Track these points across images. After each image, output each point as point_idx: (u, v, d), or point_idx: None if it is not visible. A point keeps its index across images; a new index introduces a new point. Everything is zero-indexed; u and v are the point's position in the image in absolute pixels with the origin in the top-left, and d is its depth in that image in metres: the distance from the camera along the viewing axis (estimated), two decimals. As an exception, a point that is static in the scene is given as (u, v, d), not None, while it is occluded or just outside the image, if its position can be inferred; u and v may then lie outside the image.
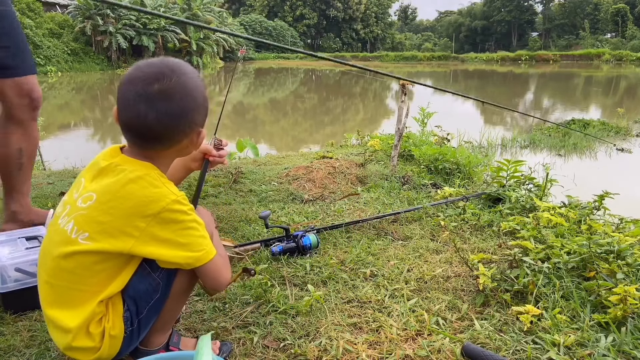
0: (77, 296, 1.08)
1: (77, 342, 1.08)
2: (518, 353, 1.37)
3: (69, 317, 1.08)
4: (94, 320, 1.10)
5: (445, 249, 2.15)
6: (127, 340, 1.14)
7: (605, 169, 5.15)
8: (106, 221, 1.05)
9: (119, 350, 1.14)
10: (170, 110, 1.05)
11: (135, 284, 1.14)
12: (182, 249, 1.09)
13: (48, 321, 1.12)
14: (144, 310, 1.15)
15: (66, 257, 1.07)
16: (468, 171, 3.50)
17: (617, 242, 1.77)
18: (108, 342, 1.12)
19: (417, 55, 58.88)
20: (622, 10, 60.32)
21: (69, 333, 1.08)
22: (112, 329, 1.12)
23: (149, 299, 1.15)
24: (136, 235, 1.04)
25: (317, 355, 1.37)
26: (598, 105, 13.86)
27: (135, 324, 1.15)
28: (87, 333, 1.09)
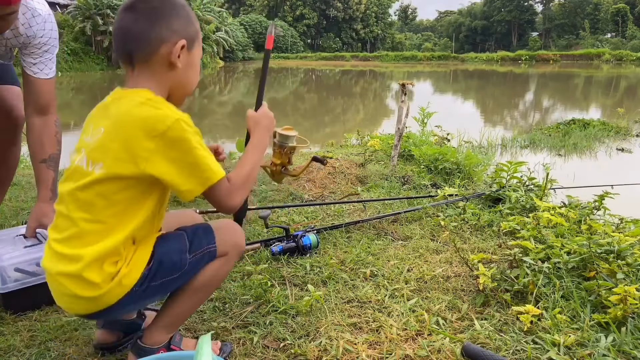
0: (97, 230, 1.08)
1: (86, 273, 1.07)
2: (518, 353, 1.37)
3: (85, 250, 1.07)
4: (110, 259, 1.09)
5: (445, 249, 2.15)
6: (128, 297, 1.12)
7: (605, 169, 5.15)
8: (117, 147, 1.06)
9: (114, 303, 1.12)
10: (147, 9, 1.11)
11: (168, 251, 1.17)
12: (191, 169, 1.09)
13: (55, 256, 1.10)
14: (158, 280, 1.15)
15: (84, 188, 1.08)
16: (468, 171, 3.50)
17: (617, 242, 1.77)
18: (115, 288, 1.10)
19: (417, 55, 58.87)
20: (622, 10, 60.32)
21: (79, 261, 1.07)
22: (126, 277, 1.11)
23: (168, 274, 1.16)
24: (146, 157, 1.05)
25: (317, 355, 1.37)
26: (598, 105, 13.86)
27: (144, 286, 1.14)
28: (100, 268, 1.08)
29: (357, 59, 57.54)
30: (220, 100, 16.41)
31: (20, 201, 2.79)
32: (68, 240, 1.09)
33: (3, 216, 2.46)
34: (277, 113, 1.43)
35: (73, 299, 1.10)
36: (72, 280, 1.08)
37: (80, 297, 1.09)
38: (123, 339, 1.40)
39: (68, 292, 1.09)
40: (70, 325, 1.51)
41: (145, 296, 1.16)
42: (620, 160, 5.50)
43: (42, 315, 1.58)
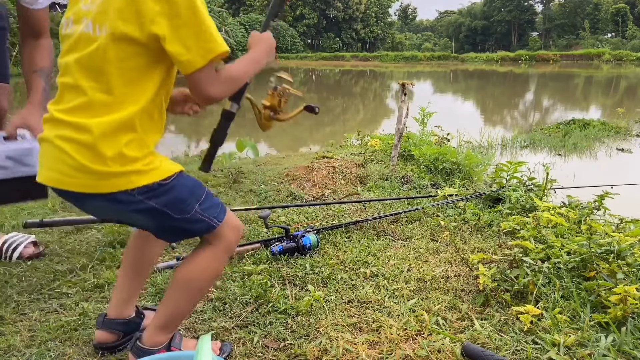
0: (107, 101, 1.06)
1: (100, 144, 1.04)
2: (518, 353, 1.37)
3: (94, 121, 1.04)
4: (125, 135, 1.07)
5: (445, 249, 2.15)
6: (125, 197, 1.09)
7: (605, 169, 5.15)
8: (121, 6, 1.04)
9: (109, 192, 1.08)
10: None
11: (186, 185, 1.17)
12: (195, 36, 1.06)
13: (60, 124, 1.07)
14: (160, 205, 1.13)
15: (92, 55, 1.05)
16: (468, 171, 3.50)
17: (617, 242, 1.77)
18: (121, 176, 1.07)
19: (417, 55, 58.87)
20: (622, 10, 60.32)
21: (90, 132, 1.04)
22: (137, 175, 1.08)
23: (172, 206, 1.14)
24: (151, 18, 1.03)
25: (317, 355, 1.37)
26: (598, 105, 13.86)
27: (146, 198, 1.11)
28: (113, 141, 1.05)
29: (357, 59, 57.54)
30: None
31: (20, 201, 2.79)
32: (76, 110, 1.07)
33: (3, 216, 2.46)
34: (277, 113, 1.44)
35: (70, 169, 1.06)
36: (79, 147, 1.05)
37: (80, 169, 1.05)
38: (123, 338, 1.39)
39: (68, 161, 1.05)
40: (70, 325, 1.51)
41: (138, 210, 1.12)
42: (620, 160, 5.50)
43: (42, 315, 1.58)
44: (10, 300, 1.66)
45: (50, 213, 2.59)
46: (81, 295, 1.70)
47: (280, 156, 4.52)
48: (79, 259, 1.97)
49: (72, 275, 1.85)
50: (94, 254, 2.03)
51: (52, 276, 1.84)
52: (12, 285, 1.77)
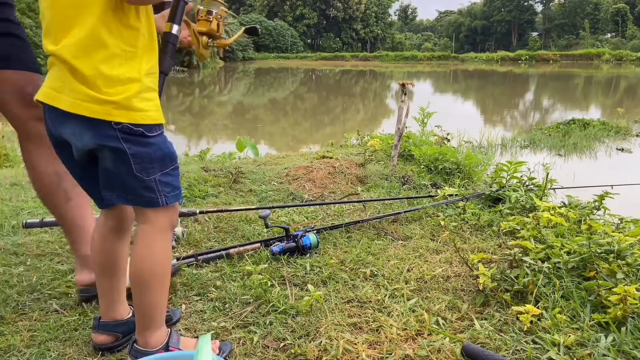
0: (59, 21, 1.08)
1: (79, 65, 1.07)
2: (518, 353, 1.37)
3: (59, 46, 1.07)
4: (98, 56, 1.08)
5: (445, 248, 2.15)
6: (123, 133, 1.11)
7: (605, 169, 5.15)
8: None
9: (104, 120, 1.09)
10: None
11: (167, 144, 1.20)
12: None
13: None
14: (150, 148, 1.16)
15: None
16: (468, 171, 3.50)
17: (617, 242, 1.77)
18: (122, 102, 1.09)
19: (417, 55, 58.90)
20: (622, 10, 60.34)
21: (64, 58, 1.07)
22: (139, 113, 1.11)
23: (160, 156, 1.18)
24: None
25: (317, 355, 1.37)
26: (598, 105, 13.86)
27: (140, 137, 1.13)
28: (86, 58, 1.07)
29: (357, 59, 57.57)
30: (220, 100, 16.41)
31: (20, 201, 2.79)
32: (47, 38, 1.11)
33: (3, 216, 2.46)
34: (278, 112, 1.44)
35: (62, 85, 1.09)
36: (69, 70, 1.08)
37: (72, 88, 1.08)
38: (122, 339, 1.39)
39: (62, 77, 1.09)
40: (70, 325, 1.51)
41: (109, 144, 1.11)
42: (620, 160, 5.51)
43: (42, 315, 1.58)
44: (10, 300, 1.66)
45: (50, 213, 2.59)
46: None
47: (280, 156, 4.51)
48: (79, 259, 1.97)
49: (72, 275, 1.85)
50: (94, 254, 2.03)
51: (52, 276, 1.84)
52: (12, 285, 1.77)
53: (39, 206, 2.68)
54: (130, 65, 1.12)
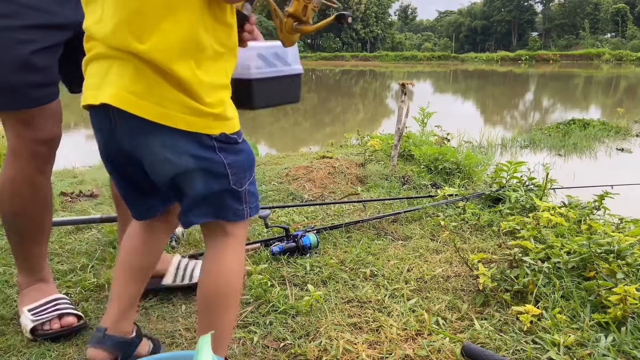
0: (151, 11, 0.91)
1: (173, 66, 0.91)
2: (518, 353, 1.37)
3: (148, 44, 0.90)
4: (191, 59, 0.93)
5: (445, 248, 2.15)
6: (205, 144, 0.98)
7: (605, 169, 5.16)
8: None
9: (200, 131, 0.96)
10: None
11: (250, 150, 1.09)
12: None
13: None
14: (233, 158, 1.03)
15: None
16: (468, 171, 3.50)
17: (617, 242, 1.77)
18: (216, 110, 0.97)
19: (417, 55, 58.94)
20: (622, 10, 60.38)
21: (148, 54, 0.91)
22: (223, 122, 1.00)
23: (241, 164, 1.06)
24: None
25: (317, 355, 1.37)
26: (598, 105, 13.86)
27: (224, 144, 1.01)
28: (181, 61, 0.92)
29: (357, 59, 57.58)
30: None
31: (20, 201, 2.79)
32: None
33: (3, 216, 2.46)
34: (278, 112, 1.43)
35: (151, 93, 0.93)
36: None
37: (170, 98, 0.93)
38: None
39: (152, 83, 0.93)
40: (70, 325, 1.51)
41: (203, 161, 0.98)
42: (620, 160, 5.51)
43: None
44: (10, 300, 1.66)
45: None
46: (81, 295, 1.70)
47: (280, 156, 4.51)
48: (79, 259, 1.97)
49: (72, 275, 1.85)
50: (94, 253, 2.03)
51: (52, 276, 1.83)
52: (12, 285, 1.77)
53: (39, 206, 2.68)
54: (221, 68, 1.00)
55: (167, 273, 1.70)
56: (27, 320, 1.44)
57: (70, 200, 2.88)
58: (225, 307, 1.10)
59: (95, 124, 1.03)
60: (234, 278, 1.11)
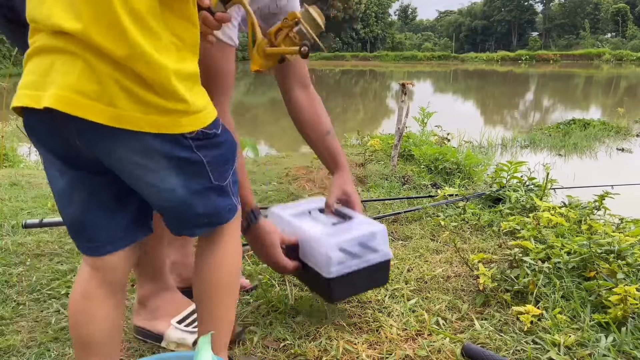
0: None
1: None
2: (518, 353, 1.37)
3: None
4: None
5: (446, 248, 2.15)
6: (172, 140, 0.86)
7: (606, 169, 5.15)
8: None
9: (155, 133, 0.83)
10: None
11: (231, 140, 0.98)
12: None
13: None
14: (206, 153, 0.91)
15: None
16: (468, 171, 3.50)
17: (617, 242, 1.77)
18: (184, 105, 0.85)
19: (417, 55, 58.95)
20: (623, 10, 60.39)
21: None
22: (193, 116, 0.87)
23: (218, 159, 0.94)
24: None
25: (317, 356, 1.37)
26: (598, 105, 13.86)
27: (194, 141, 0.89)
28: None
29: (357, 58, 57.57)
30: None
31: (20, 201, 2.79)
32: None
33: (3, 216, 2.46)
34: (278, 113, 1.43)
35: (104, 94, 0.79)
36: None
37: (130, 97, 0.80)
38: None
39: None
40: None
41: (177, 161, 0.87)
42: (620, 160, 5.51)
43: (43, 316, 1.57)
44: (10, 300, 1.66)
45: (50, 213, 2.59)
46: (81, 295, 1.69)
47: (280, 156, 4.52)
48: (79, 259, 1.97)
49: (72, 275, 1.85)
50: (93, 254, 2.03)
51: (52, 276, 1.84)
52: (12, 285, 1.77)
53: (39, 206, 2.68)
54: (181, 57, 0.87)
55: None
56: (183, 333, 1.38)
57: (70, 200, 2.88)
58: (227, 296, 1.05)
59: (33, 130, 0.87)
60: (234, 267, 1.06)
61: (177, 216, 0.97)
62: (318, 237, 1.38)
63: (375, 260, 1.42)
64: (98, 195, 0.92)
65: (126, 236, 0.97)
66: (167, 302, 1.44)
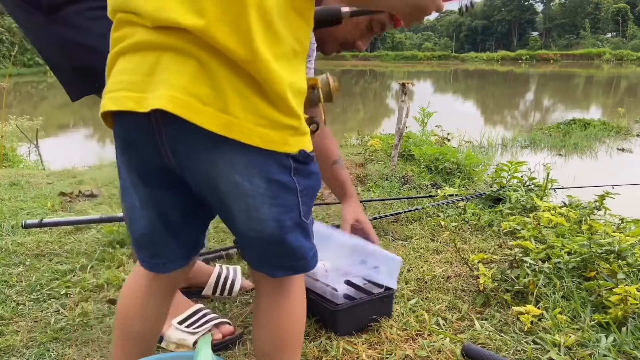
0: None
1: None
2: (518, 353, 1.37)
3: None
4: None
5: (446, 249, 2.15)
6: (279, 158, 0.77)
7: (606, 169, 5.15)
8: None
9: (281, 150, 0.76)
10: None
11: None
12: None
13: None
14: (302, 180, 0.82)
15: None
16: (468, 171, 3.50)
17: (617, 242, 1.76)
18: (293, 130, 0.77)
19: (417, 54, 58.97)
20: (623, 9, 60.38)
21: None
22: (298, 136, 0.79)
23: (309, 188, 0.84)
24: None
25: (317, 356, 1.37)
26: (599, 105, 13.86)
27: (295, 164, 0.80)
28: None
29: (357, 58, 57.54)
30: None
31: (20, 201, 2.79)
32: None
33: (2, 216, 2.46)
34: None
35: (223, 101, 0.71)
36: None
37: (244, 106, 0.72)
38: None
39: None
40: (70, 325, 1.51)
41: (277, 186, 0.78)
42: (620, 160, 5.50)
43: (42, 316, 1.57)
44: (10, 300, 1.66)
45: (49, 213, 2.59)
46: (81, 296, 1.69)
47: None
48: (79, 259, 1.97)
49: (72, 276, 1.85)
50: (93, 254, 2.03)
51: (51, 276, 1.84)
52: (12, 285, 1.77)
53: (38, 206, 2.68)
54: (299, 69, 0.79)
55: (207, 285, 1.67)
56: (183, 334, 1.38)
57: (70, 200, 2.88)
58: (295, 354, 0.96)
59: (128, 136, 0.79)
60: (297, 326, 0.95)
61: (262, 250, 0.86)
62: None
63: (381, 294, 1.50)
64: (167, 214, 0.86)
65: (188, 255, 0.95)
66: None
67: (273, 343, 0.93)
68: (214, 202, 0.82)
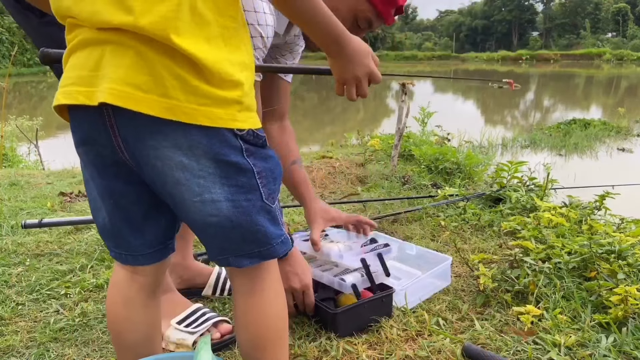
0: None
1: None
2: (519, 353, 1.37)
3: None
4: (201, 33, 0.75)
5: (446, 249, 2.15)
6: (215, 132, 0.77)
7: (606, 169, 5.15)
8: None
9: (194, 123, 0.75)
10: None
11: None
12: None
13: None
14: (255, 160, 0.82)
15: None
16: (468, 171, 3.49)
17: (618, 242, 1.76)
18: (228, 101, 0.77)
19: (418, 54, 58.98)
20: (623, 9, 60.38)
21: None
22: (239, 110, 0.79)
23: (266, 170, 0.84)
24: None
25: (317, 356, 1.37)
26: (599, 104, 13.85)
27: (241, 143, 0.80)
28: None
29: (357, 58, 57.40)
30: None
31: (19, 201, 2.79)
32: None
33: (2, 216, 2.46)
34: (277, 113, 1.42)
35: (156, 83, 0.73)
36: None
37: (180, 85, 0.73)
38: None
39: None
40: (70, 325, 1.51)
41: (228, 166, 0.78)
42: (621, 160, 5.50)
43: (42, 316, 1.57)
44: (10, 300, 1.66)
45: (49, 213, 2.59)
46: (81, 296, 1.69)
47: (281, 156, 4.50)
48: (79, 259, 1.97)
49: (72, 276, 1.85)
50: (93, 254, 2.03)
51: (51, 276, 1.83)
52: (11, 285, 1.76)
53: (38, 206, 2.68)
54: (238, 44, 0.79)
55: (207, 285, 1.67)
56: (182, 333, 1.39)
57: (70, 200, 2.88)
58: (280, 347, 0.95)
59: (82, 130, 0.81)
60: (275, 322, 0.95)
61: (221, 237, 0.84)
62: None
63: (380, 294, 1.52)
64: (126, 209, 0.87)
65: (154, 254, 0.93)
66: (167, 303, 1.44)
67: (252, 343, 0.93)
68: (167, 197, 0.83)
